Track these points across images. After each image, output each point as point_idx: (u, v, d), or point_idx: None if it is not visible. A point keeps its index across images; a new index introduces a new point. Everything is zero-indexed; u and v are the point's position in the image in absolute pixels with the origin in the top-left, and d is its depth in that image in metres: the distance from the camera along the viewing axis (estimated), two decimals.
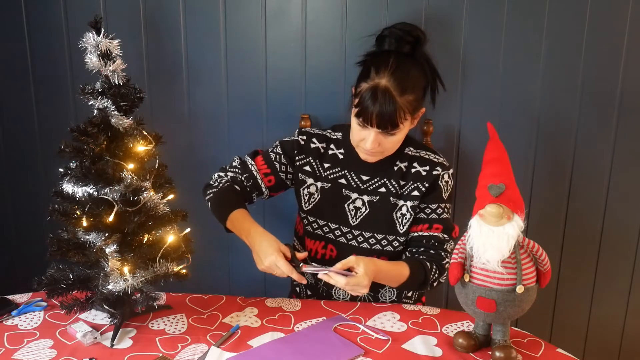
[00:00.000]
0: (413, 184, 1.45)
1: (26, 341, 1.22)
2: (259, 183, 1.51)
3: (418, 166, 1.46)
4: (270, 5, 1.73)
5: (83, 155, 1.17)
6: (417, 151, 1.48)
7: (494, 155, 1.17)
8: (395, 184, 1.46)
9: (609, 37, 1.68)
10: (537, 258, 1.14)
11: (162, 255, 1.23)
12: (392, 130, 1.35)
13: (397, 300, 1.54)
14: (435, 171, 1.45)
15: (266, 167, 1.52)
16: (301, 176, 1.52)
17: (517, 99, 1.74)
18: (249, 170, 1.52)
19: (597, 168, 1.79)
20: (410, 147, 1.48)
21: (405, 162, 1.47)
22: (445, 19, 1.70)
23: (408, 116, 1.36)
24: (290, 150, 1.53)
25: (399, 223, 1.46)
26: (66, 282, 1.22)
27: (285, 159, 1.53)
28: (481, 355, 1.18)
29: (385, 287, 1.53)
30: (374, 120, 1.34)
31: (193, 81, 1.81)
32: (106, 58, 1.17)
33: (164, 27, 1.76)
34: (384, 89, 1.33)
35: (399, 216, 1.46)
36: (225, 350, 1.19)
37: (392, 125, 1.34)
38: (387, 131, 1.35)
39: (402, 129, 1.37)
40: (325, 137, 1.54)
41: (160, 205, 1.23)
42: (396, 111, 1.32)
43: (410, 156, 1.48)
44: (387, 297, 1.54)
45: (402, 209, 1.46)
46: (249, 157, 1.55)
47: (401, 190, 1.46)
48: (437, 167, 1.46)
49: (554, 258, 1.85)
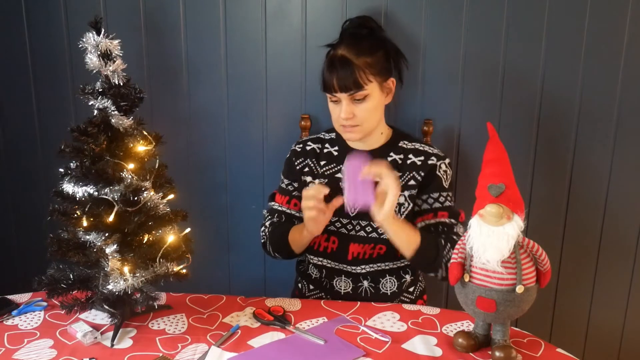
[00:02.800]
0: (409, 174, 1.48)
1: (26, 341, 1.22)
2: (290, 213, 1.57)
3: (413, 157, 1.50)
4: (270, 5, 1.73)
5: (83, 155, 1.17)
6: (412, 144, 1.52)
7: (494, 155, 1.17)
8: None
9: (609, 37, 1.68)
10: (537, 258, 1.14)
11: (162, 255, 1.23)
12: (357, 92, 1.40)
13: (397, 292, 1.54)
14: (431, 161, 1.48)
15: (285, 197, 1.58)
16: (303, 177, 1.56)
17: (517, 99, 1.75)
18: (277, 210, 1.58)
19: (597, 168, 1.79)
20: (404, 141, 1.52)
21: (401, 154, 1.50)
22: (445, 18, 1.70)
23: (371, 77, 1.40)
24: (290, 164, 1.58)
25: (396, 212, 1.47)
26: (66, 282, 1.22)
27: (289, 178, 1.59)
28: (481, 355, 1.18)
29: (386, 277, 1.54)
30: (336, 86, 1.40)
31: (193, 81, 1.81)
32: (106, 58, 1.17)
33: (164, 27, 1.76)
34: (340, 56, 1.41)
35: (396, 206, 1.46)
36: (225, 350, 1.19)
37: (355, 85, 1.39)
38: (353, 94, 1.40)
39: (370, 93, 1.41)
40: (319, 139, 1.59)
41: (160, 205, 1.23)
42: (355, 71, 1.39)
43: (404, 149, 1.51)
44: (387, 288, 1.54)
45: (399, 198, 1.47)
46: (270, 200, 1.62)
47: None
48: (432, 157, 1.49)
49: (554, 258, 1.85)
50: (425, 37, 1.71)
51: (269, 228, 1.57)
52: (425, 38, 1.71)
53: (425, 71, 1.74)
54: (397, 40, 1.56)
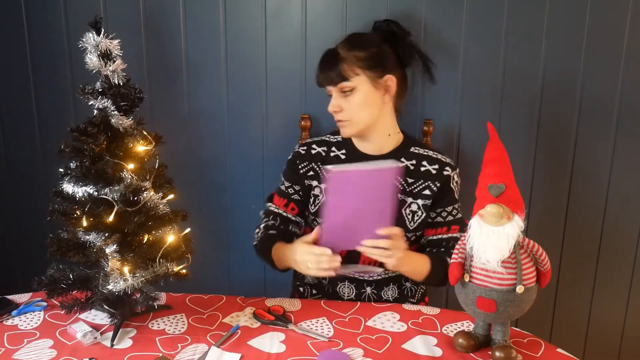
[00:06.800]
0: (424, 183, 1.47)
1: (26, 341, 1.22)
2: (286, 216, 1.55)
3: (427, 165, 1.48)
4: (270, 5, 1.73)
5: (83, 155, 1.17)
6: (425, 150, 1.50)
7: (494, 155, 1.17)
8: (402, 181, 1.47)
9: (609, 37, 1.68)
10: (537, 258, 1.14)
11: (162, 255, 1.23)
12: (342, 83, 1.40)
13: (399, 298, 1.54)
14: (445, 171, 1.47)
15: (283, 199, 1.55)
16: (307, 182, 1.53)
17: (517, 98, 1.75)
18: (273, 212, 1.56)
19: (597, 168, 1.79)
20: (416, 147, 1.51)
21: (413, 160, 1.48)
22: (445, 18, 1.70)
23: (358, 70, 1.40)
24: (293, 167, 1.54)
25: (409, 220, 1.47)
26: (66, 282, 1.22)
27: (291, 180, 1.55)
28: (481, 355, 1.18)
29: (389, 285, 1.54)
30: (321, 77, 1.43)
31: (193, 81, 1.81)
32: (106, 58, 1.17)
33: (164, 27, 1.76)
34: (331, 50, 1.44)
35: (408, 213, 1.47)
36: (225, 350, 1.19)
37: (338, 76, 1.39)
38: (336, 84, 1.41)
39: (357, 87, 1.40)
40: (325, 141, 1.55)
41: (160, 205, 1.23)
42: (340, 63, 1.40)
43: (417, 154, 1.49)
44: (389, 295, 1.54)
45: (412, 206, 1.47)
46: (267, 202, 1.60)
47: (410, 188, 1.47)
48: (447, 167, 1.47)
49: (554, 258, 1.85)
50: (425, 37, 1.71)
51: (262, 232, 1.54)
52: (425, 38, 1.71)
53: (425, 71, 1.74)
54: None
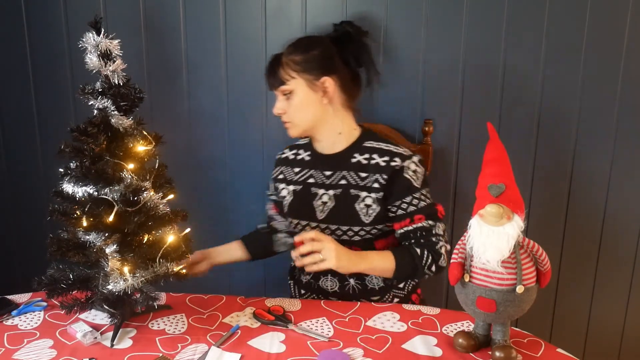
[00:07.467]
0: (373, 176, 1.47)
1: (26, 341, 1.22)
2: (270, 215, 1.69)
3: (377, 158, 1.48)
4: (270, 5, 1.73)
5: (83, 155, 1.17)
6: (378, 144, 1.50)
7: (494, 155, 1.17)
8: (355, 176, 1.49)
9: (609, 37, 1.68)
10: (537, 258, 1.14)
11: (162, 255, 1.23)
12: (281, 87, 1.46)
13: (385, 287, 1.54)
14: (394, 162, 1.45)
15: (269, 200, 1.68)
16: (277, 185, 1.61)
17: (517, 98, 1.75)
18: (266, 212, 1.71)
19: (597, 168, 1.79)
20: (370, 141, 1.51)
21: (365, 154, 1.49)
22: (445, 18, 1.70)
23: (293, 74, 1.44)
24: (272, 173, 1.65)
25: (363, 214, 1.47)
26: (66, 282, 1.22)
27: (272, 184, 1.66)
28: (481, 355, 1.18)
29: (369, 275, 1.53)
30: (268, 82, 1.49)
31: (193, 81, 1.81)
32: (106, 58, 1.17)
33: (164, 27, 1.76)
34: (277, 55, 1.48)
35: (362, 207, 1.47)
36: (225, 350, 1.19)
37: (277, 80, 1.46)
38: (277, 87, 1.47)
39: (294, 89, 1.45)
40: (296, 145, 1.63)
41: (160, 205, 1.23)
42: (278, 67, 1.46)
43: (369, 148, 1.50)
44: (374, 284, 1.53)
45: (366, 200, 1.47)
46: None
47: (363, 182, 1.48)
48: (396, 158, 1.46)
49: (554, 258, 1.85)
50: (426, 37, 1.71)
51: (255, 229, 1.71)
52: (425, 38, 1.71)
53: (425, 71, 1.74)
54: (397, 40, 1.56)
